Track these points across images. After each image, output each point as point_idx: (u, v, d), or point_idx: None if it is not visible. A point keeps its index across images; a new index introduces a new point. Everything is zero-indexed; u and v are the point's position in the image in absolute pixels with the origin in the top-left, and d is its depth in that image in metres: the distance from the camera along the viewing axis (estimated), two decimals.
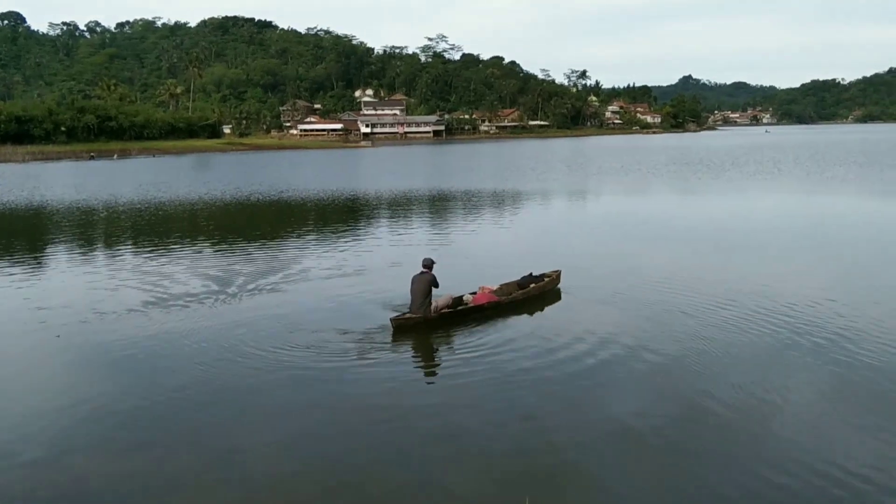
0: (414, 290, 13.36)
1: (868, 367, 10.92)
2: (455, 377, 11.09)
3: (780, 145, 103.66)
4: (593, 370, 11.13)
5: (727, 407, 9.62)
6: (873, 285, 16.37)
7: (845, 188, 40.22)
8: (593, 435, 8.96)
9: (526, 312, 14.52)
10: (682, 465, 8.26)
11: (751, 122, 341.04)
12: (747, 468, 8.05)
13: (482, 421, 9.43)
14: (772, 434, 8.89)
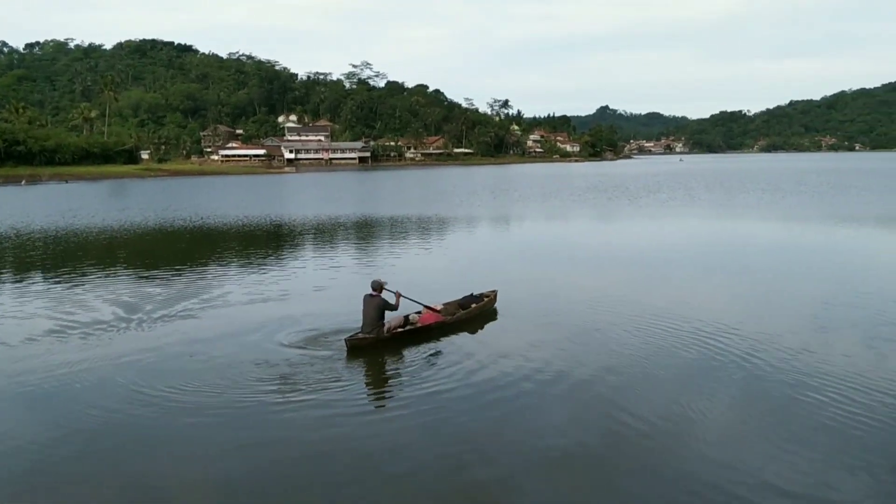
0: (365, 312, 13.56)
1: (776, 382, 11.32)
2: (389, 402, 11.02)
3: (693, 173, 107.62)
4: (525, 391, 11.20)
5: (648, 424, 9.81)
6: (779, 306, 17.06)
7: (752, 214, 41.92)
8: (523, 455, 8.97)
9: (467, 332, 14.74)
10: (607, 482, 8.35)
11: (664, 151, 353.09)
12: (667, 482, 8.23)
13: (413, 445, 9.34)
14: (689, 449, 9.11)
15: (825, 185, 70.23)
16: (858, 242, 29.57)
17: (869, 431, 9.35)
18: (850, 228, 34.11)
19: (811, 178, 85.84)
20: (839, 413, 9.96)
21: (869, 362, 12.21)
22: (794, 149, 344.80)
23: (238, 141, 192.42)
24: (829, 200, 50.71)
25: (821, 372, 11.68)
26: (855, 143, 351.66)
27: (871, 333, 14.09)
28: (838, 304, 16.97)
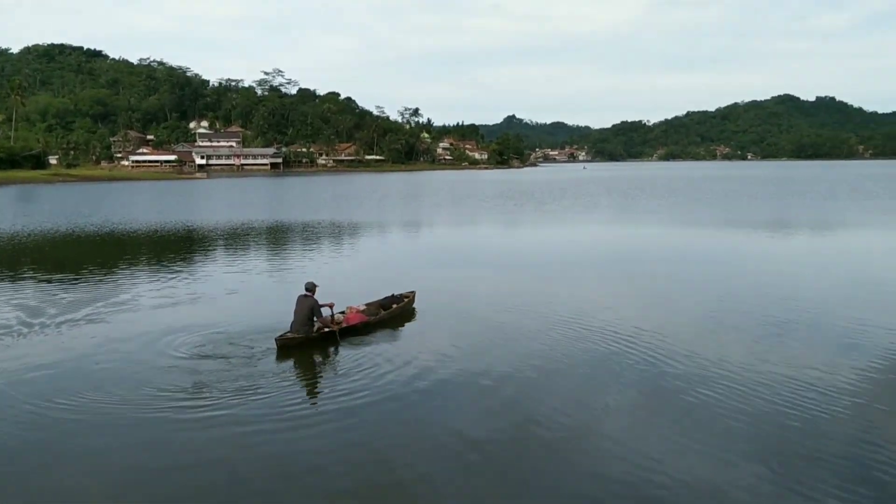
0: (297, 311, 13.78)
1: (673, 379, 11.87)
2: (308, 409, 10.87)
3: (596, 180, 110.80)
4: (441, 391, 11.38)
5: (556, 420, 10.13)
6: (676, 306, 17.95)
7: (651, 219, 43.72)
8: (440, 455, 9.12)
9: (387, 333, 14.96)
10: (518, 477, 8.56)
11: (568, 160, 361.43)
12: (574, 476, 8.55)
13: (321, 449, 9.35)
14: (594, 444, 9.45)
15: (719, 192, 73.78)
16: (748, 246, 31.19)
17: (755, 423, 9.90)
18: (740, 233, 35.98)
19: (706, 185, 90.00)
20: (729, 407, 10.49)
21: (756, 359, 12.90)
22: (691, 157, 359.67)
23: (149, 147, 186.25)
24: (722, 207, 53.34)
25: (713, 369, 12.28)
26: (747, 152, 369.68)
27: (758, 332, 14.93)
28: (729, 303, 17.88)
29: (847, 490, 8.00)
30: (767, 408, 10.42)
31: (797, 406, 10.47)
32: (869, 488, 8.04)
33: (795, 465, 8.67)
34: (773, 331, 14.95)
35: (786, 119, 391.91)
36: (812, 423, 9.86)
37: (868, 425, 9.86)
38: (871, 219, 42.23)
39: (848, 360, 12.72)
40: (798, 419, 10.00)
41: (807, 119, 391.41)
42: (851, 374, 11.89)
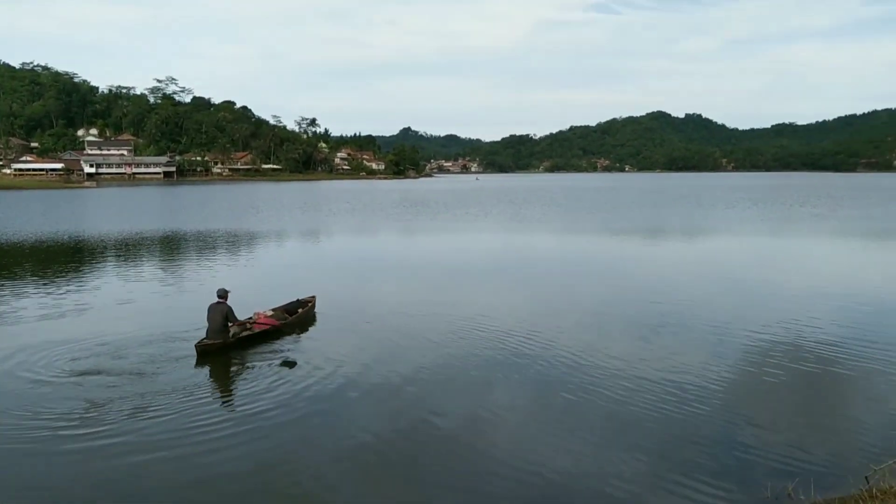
0: (211, 318, 13.66)
1: (565, 378, 12.25)
2: (211, 422, 10.37)
3: (488, 190, 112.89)
4: (342, 396, 11.26)
5: (453, 422, 10.24)
6: (566, 309, 18.51)
7: (540, 227, 44.90)
8: (340, 459, 9.03)
9: (292, 338, 14.90)
10: (417, 478, 8.60)
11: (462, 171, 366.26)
12: (470, 475, 8.62)
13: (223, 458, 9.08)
14: (491, 442, 9.57)
15: (600, 201, 76.77)
16: (627, 251, 32.64)
17: (636, 417, 10.35)
18: (620, 239, 37.51)
19: (588, 195, 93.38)
20: (612, 402, 10.93)
21: (636, 357, 13.49)
22: (574, 169, 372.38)
23: (33, 154, 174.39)
24: (604, 215, 55.54)
25: (598, 367, 12.75)
26: (625, 164, 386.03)
27: (637, 332, 15.62)
28: (611, 306, 18.63)
29: (716, 475, 8.48)
30: (646, 402, 10.89)
31: (673, 399, 11.01)
32: (736, 471, 8.55)
33: (672, 453, 9.10)
34: (650, 330, 15.65)
35: (659, 134, 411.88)
36: (685, 415, 10.40)
37: (734, 415, 10.48)
38: (733, 226, 44.96)
39: (716, 355, 13.50)
40: (673, 411, 10.51)
41: (677, 134, 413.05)
42: (719, 368, 12.61)
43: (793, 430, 9.86)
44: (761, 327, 15.58)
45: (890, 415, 10.33)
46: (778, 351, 13.73)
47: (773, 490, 7.89)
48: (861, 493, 7.40)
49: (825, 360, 13.06)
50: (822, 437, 9.60)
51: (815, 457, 8.85)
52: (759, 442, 9.36)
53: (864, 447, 9.06)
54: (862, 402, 11.00)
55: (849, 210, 60.20)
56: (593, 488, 8.22)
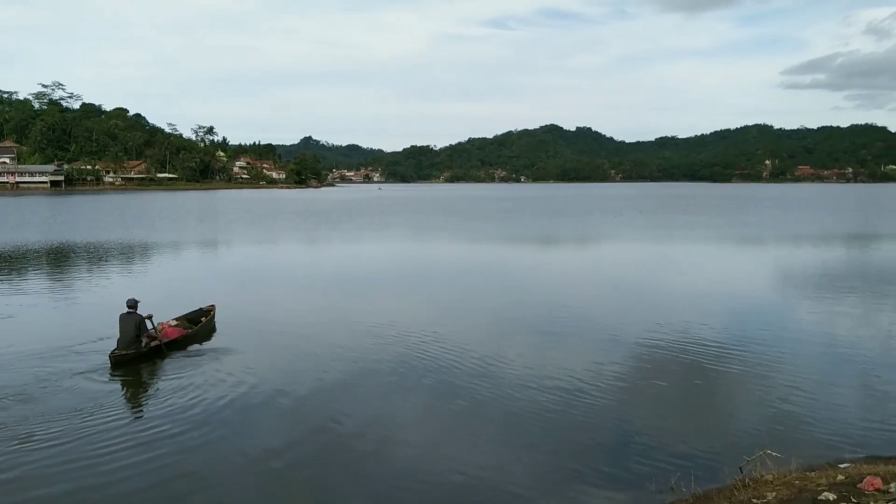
0: (123, 329, 13.44)
1: (466, 383, 12.42)
2: (108, 443, 9.82)
3: (391, 200, 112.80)
4: (245, 409, 10.99)
5: (358, 430, 10.17)
6: (467, 315, 18.75)
7: (441, 235, 45.31)
8: (245, 473, 8.81)
9: (195, 349, 14.61)
10: (323, 488, 8.48)
11: (364, 180, 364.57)
12: (375, 480, 8.61)
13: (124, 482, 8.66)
14: (395, 449, 9.59)
15: (499, 210, 78.21)
16: (526, 258, 33.40)
17: (537, 419, 10.62)
18: (519, 246, 38.37)
19: (487, 204, 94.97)
20: (514, 406, 11.17)
21: (536, 361, 13.83)
22: (473, 180, 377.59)
23: None
24: (503, 223, 56.68)
25: (501, 370, 13.04)
26: (521, 175, 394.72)
27: (538, 335, 16.06)
28: (513, 311, 19.02)
29: (607, 472, 8.84)
30: (543, 404, 11.20)
31: (568, 400, 11.38)
32: (625, 468, 8.93)
33: (566, 453, 9.41)
34: (546, 334, 16.13)
35: (552, 146, 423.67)
36: (580, 415, 10.78)
37: (624, 414, 10.97)
38: (621, 233, 46.88)
39: (608, 357, 14.03)
40: (568, 412, 10.88)
41: (570, 146, 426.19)
42: (611, 370, 13.13)
43: (676, 426, 10.37)
44: (649, 329, 16.30)
45: (762, 408, 11.03)
46: (664, 352, 14.41)
47: (657, 484, 8.26)
48: (735, 483, 7.84)
49: (706, 359, 13.81)
50: (703, 432, 10.14)
51: (695, 451, 9.33)
52: (646, 439, 9.80)
53: (739, 440, 9.63)
54: (738, 397, 11.71)
55: (724, 218, 63.99)
56: (493, 488, 8.37)
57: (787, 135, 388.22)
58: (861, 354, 14.22)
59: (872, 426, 10.19)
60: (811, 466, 8.32)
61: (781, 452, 8.37)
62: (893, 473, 7.16)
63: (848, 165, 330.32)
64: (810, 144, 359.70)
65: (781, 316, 18.55)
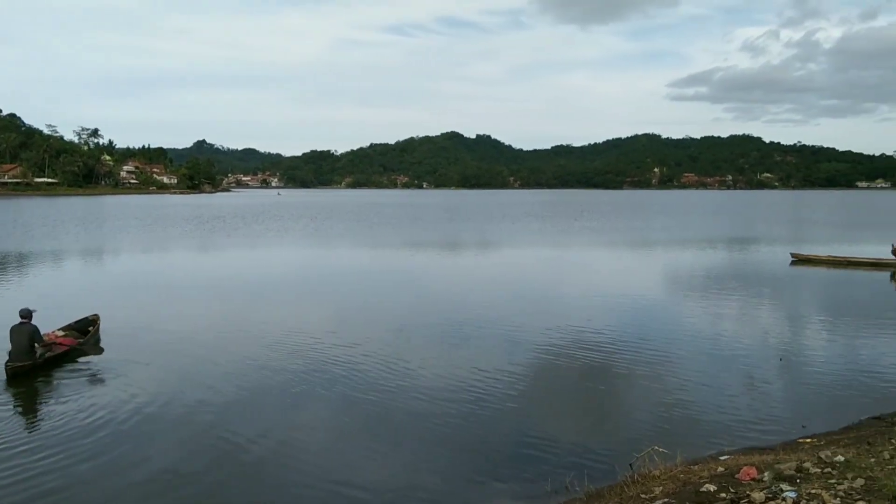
0: (16, 340, 13.06)
1: (371, 390, 12.35)
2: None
3: (290, 205, 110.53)
4: (138, 424, 10.53)
5: (255, 442, 9.90)
6: (369, 322, 18.61)
7: (341, 241, 44.84)
8: (137, 492, 8.39)
9: (88, 358, 14.11)
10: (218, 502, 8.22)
11: (261, 186, 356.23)
12: (277, 495, 8.40)
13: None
14: (294, 459, 9.39)
15: (401, 216, 78.28)
16: (429, 264, 33.55)
17: (440, 425, 10.69)
18: (420, 252, 38.55)
19: (389, 210, 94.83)
20: (417, 411, 11.21)
21: (439, 367, 13.90)
22: (375, 185, 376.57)
23: None
24: (405, 229, 56.75)
25: (404, 378, 13.02)
26: (423, 181, 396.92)
27: (441, 341, 16.16)
28: (417, 317, 19.09)
29: (505, 474, 9.00)
30: (445, 409, 11.30)
31: (469, 405, 11.52)
32: (523, 469, 9.12)
33: (467, 457, 9.53)
34: (449, 339, 16.29)
35: (453, 153, 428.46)
36: (480, 419, 10.94)
37: (524, 416, 11.22)
38: (520, 238, 47.98)
39: (509, 360, 14.32)
40: (470, 416, 11.01)
41: (470, 153, 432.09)
42: (512, 373, 13.41)
43: (573, 426, 10.71)
44: (547, 332, 16.76)
45: (652, 406, 11.54)
46: (561, 353, 14.84)
47: (553, 484, 8.48)
48: (626, 479, 8.16)
49: (600, 360, 14.33)
50: (597, 431, 10.52)
51: (590, 450, 9.66)
52: (544, 440, 10.05)
53: (631, 437, 10.03)
54: (629, 396, 12.21)
55: (616, 222, 66.71)
56: (393, 496, 8.36)
57: (674, 144, 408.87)
58: (741, 352, 15.13)
59: (750, 420, 10.87)
60: (695, 460, 8.77)
61: (668, 448, 8.78)
62: (767, 463, 7.64)
63: (728, 173, 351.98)
64: (695, 153, 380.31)
65: (670, 317, 19.49)
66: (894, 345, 16.01)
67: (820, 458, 7.46)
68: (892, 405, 11.20)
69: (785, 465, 7.28)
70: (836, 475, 6.82)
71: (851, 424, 10.40)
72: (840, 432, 9.97)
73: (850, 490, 6.24)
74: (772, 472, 7.13)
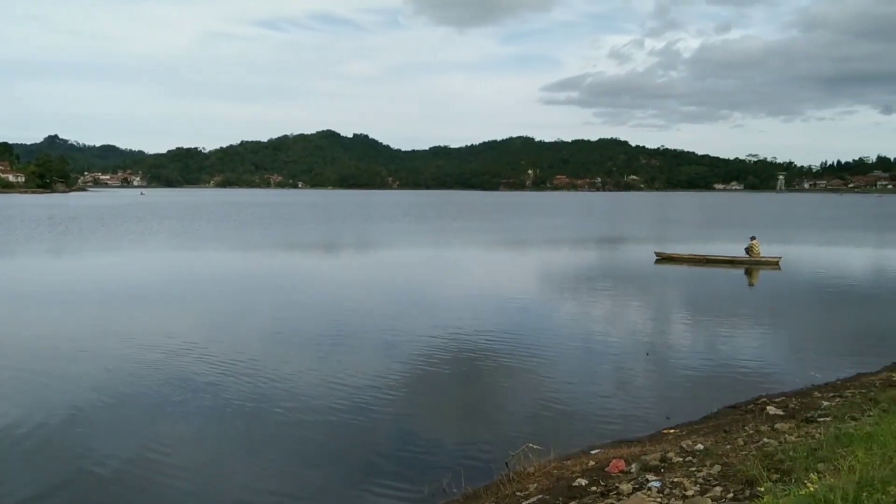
0: None
1: (244, 400, 11.91)
2: None
3: (154, 206, 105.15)
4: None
5: (121, 461, 9.34)
6: (241, 328, 18.03)
7: (211, 244, 43.08)
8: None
9: None
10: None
11: (122, 185, 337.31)
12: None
13: None
14: (165, 477, 8.91)
15: (276, 216, 76.30)
16: (303, 265, 32.94)
17: (318, 432, 10.48)
18: (296, 254, 37.78)
19: (263, 210, 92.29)
20: (295, 420, 10.92)
21: (317, 373, 13.62)
22: (247, 185, 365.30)
23: None
24: (279, 230, 55.38)
25: (280, 385, 12.66)
26: (298, 181, 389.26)
27: (316, 348, 15.84)
28: (291, 322, 18.62)
29: (385, 479, 8.94)
30: (323, 416, 11.09)
31: (349, 411, 11.37)
32: (402, 473, 9.08)
33: (346, 463, 9.41)
34: (326, 344, 16.01)
35: (329, 152, 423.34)
36: (359, 425, 10.81)
37: (403, 420, 11.20)
38: (399, 239, 48.10)
39: (387, 364, 14.27)
40: (349, 423, 10.86)
41: (347, 153, 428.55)
42: (390, 376, 13.35)
43: (451, 428, 10.81)
44: (426, 334, 16.84)
45: (527, 404, 11.85)
46: (440, 355, 14.95)
47: (430, 487, 8.50)
48: (502, 478, 8.31)
49: (478, 360, 14.57)
50: (475, 431, 10.66)
51: (468, 451, 9.77)
52: (423, 443, 10.08)
53: (507, 436, 10.23)
54: (506, 395, 12.49)
55: (493, 223, 68.32)
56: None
57: (547, 146, 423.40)
58: (611, 348, 15.86)
59: (619, 413, 11.39)
60: (568, 455, 9.07)
61: (543, 445, 9.03)
62: (634, 455, 8.02)
63: (597, 175, 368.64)
64: (566, 156, 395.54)
65: (544, 316, 20.14)
66: (749, 338, 17.33)
67: (682, 448, 7.91)
68: (746, 394, 12.07)
69: (650, 457, 7.66)
70: (696, 463, 7.25)
71: (710, 414, 11.11)
72: (700, 422, 10.62)
73: (708, 476, 6.64)
74: (638, 463, 7.49)
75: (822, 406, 9.86)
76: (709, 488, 6.24)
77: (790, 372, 13.79)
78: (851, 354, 15.14)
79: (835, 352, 15.66)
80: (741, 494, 5.85)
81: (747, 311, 21.07)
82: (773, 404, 10.53)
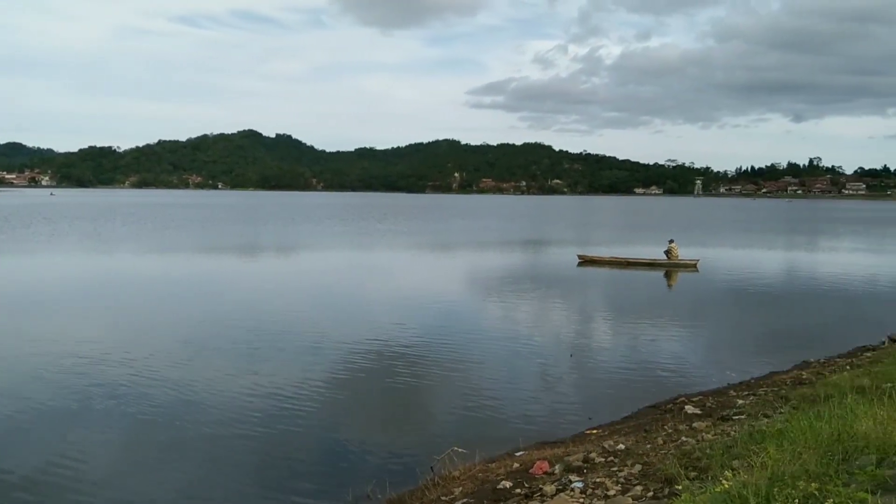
0: None
1: (163, 408, 11.51)
2: None
3: (65, 207, 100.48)
4: None
5: (30, 478, 8.84)
6: (156, 333, 17.41)
7: (123, 247, 41.44)
8: None
9: None
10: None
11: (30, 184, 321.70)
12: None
13: None
14: (79, 492, 8.50)
15: (193, 218, 74.09)
16: (222, 269, 32.11)
17: (240, 440, 10.23)
18: (214, 257, 36.76)
19: (180, 212, 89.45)
20: (215, 427, 10.62)
21: (238, 380, 13.28)
22: (164, 185, 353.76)
23: None
24: (196, 233, 53.76)
25: (201, 392, 12.30)
26: (218, 181, 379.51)
27: (237, 354, 15.43)
28: (210, 327, 18.12)
29: (308, 487, 8.79)
30: (245, 424, 10.81)
31: (271, 418, 11.13)
32: (325, 481, 8.97)
33: (269, 473, 9.19)
34: (248, 350, 15.63)
35: (251, 152, 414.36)
36: (282, 433, 10.60)
37: (327, 427, 11.05)
38: (323, 242, 47.51)
39: (311, 369, 14.06)
40: (272, 430, 10.62)
41: (270, 153, 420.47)
42: (314, 383, 13.15)
43: (376, 434, 10.70)
44: (350, 339, 16.66)
45: (453, 408, 11.88)
46: (364, 361, 14.82)
47: (353, 494, 8.38)
48: (427, 483, 8.27)
49: (404, 364, 14.50)
50: (400, 437, 10.59)
51: (393, 456, 9.70)
52: (347, 450, 9.96)
53: (433, 440, 10.20)
54: (432, 399, 12.49)
55: (419, 226, 68.36)
56: None
57: (473, 150, 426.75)
58: (535, 350, 16.07)
59: (543, 414, 11.53)
60: (493, 458, 9.10)
61: (468, 448, 9.03)
62: (558, 456, 8.12)
63: (522, 179, 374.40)
64: (492, 159, 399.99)
65: (469, 319, 20.23)
66: (668, 338, 17.86)
67: (604, 448, 8.07)
68: (666, 394, 12.42)
69: (573, 457, 7.77)
70: (618, 463, 7.40)
71: (632, 413, 11.38)
72: (622, 422, 10.86)
73: (629, 476, 6.78)
74: (562, 464, 7.58)
75: (737, 404, 10.23)
76: (630, 487, 6.37)
77: (707, 372, 14.29)
78: (765, 354, 15.81)
79: (749, 351, 16.32)
80: (661, 493, 5.98)
81: (667, 313, 21.73)
82: (692, 403, 10.87)
